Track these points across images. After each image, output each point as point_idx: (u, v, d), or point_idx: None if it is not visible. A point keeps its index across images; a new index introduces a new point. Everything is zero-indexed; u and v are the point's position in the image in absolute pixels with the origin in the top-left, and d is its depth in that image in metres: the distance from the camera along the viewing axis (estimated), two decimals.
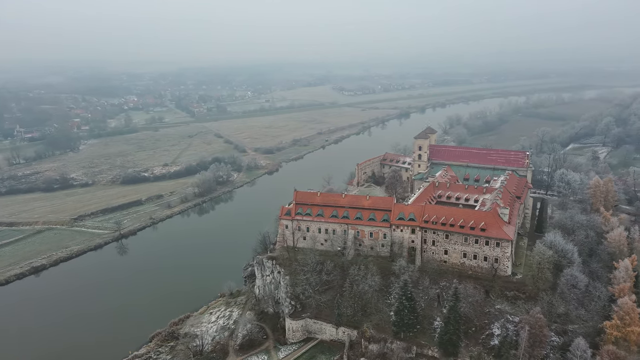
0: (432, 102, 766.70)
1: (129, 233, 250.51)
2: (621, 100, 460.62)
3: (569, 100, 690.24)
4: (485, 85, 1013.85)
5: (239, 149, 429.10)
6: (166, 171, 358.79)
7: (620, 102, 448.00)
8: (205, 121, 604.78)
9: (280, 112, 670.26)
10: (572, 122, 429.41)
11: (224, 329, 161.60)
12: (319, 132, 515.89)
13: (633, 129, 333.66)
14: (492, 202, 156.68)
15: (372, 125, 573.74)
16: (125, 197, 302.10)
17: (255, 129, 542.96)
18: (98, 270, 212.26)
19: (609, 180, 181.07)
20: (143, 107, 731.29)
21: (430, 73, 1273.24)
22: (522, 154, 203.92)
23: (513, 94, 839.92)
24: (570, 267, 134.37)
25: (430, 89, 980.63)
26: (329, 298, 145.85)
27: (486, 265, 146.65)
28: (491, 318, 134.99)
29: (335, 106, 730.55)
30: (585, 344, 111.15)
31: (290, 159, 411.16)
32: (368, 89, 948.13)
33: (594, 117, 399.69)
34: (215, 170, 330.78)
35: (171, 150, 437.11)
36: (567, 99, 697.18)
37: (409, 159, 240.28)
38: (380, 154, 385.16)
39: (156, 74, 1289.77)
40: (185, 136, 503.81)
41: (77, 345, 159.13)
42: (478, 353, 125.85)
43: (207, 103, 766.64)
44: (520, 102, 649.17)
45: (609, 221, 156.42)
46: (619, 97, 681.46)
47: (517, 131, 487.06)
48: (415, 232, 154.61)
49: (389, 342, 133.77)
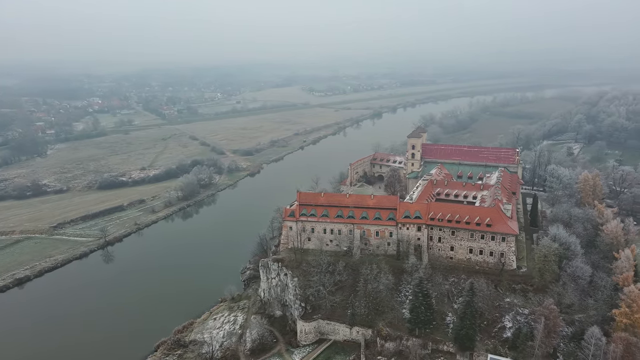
0: (403, 102, 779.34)
1: (115, 240, 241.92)
2: (588, 99, 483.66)
3: (533, 99, 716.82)
4: (450, 85, 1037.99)
5: (217, 151, 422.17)
6: (145, 175, 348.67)
7: (587, 100, 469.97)
8: (177, 123, 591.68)
9: (253, 114, 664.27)
10: (541, 120, 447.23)
11: (231, 334, 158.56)
12: (296, 132, 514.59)
13: (604, 126, 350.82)
14: (494, 198, 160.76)
15: (347, 126, 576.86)
16: (105, 202, 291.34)
17: (231, 130, 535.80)
18: (87, 279, 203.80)
19: (596, 175, 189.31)
20: (109, 110, 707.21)
21: (396, 73, 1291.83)
22: (512, 151, 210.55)
23: (478, 93, 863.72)
24: (575, 259, 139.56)
25: (398, 89, 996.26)
26: (342, 298, 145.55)
27: (492, 260, 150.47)
28: (502, 311, 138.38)
29: (308, 107, 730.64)
30: (600, 332, 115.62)
31: (270, 160, 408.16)
32: (338, 90, 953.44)
33: (563, 115, 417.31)
34: (198, 173, 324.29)
35: (146, 154, 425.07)
36: (531, 97, 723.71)
37: (399, 158, 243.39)
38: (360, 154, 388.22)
39: (118, 76, 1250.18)
40: (158, 139, 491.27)
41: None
42: (494, 346, 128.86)
43: (176, 105, 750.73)
44: (488, 101, 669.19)
45: (603, 214, 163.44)
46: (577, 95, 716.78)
47: (488, 129, 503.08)
48: (421, 229, 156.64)
49: (404, 339, 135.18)
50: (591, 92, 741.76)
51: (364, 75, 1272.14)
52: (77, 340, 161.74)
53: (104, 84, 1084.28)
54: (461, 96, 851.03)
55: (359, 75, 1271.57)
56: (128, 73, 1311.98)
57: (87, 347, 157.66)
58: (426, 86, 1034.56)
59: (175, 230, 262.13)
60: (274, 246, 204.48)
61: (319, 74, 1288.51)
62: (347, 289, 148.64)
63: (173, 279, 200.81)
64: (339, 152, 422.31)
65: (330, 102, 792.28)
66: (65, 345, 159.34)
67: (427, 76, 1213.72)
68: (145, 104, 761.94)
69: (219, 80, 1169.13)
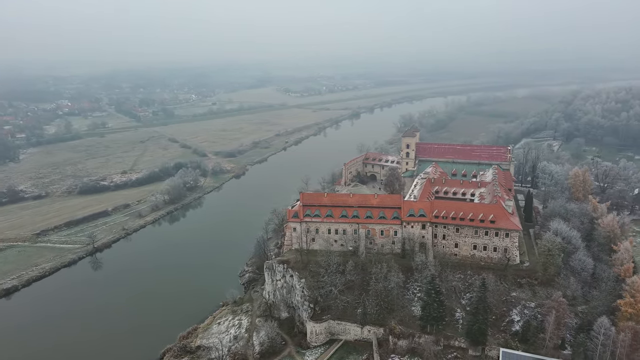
0: (379, 102, 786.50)
1: (103, 246, 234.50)
2: (563, 97, 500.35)
3: (505, 99, 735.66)
4: (423, 85, 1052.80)
5: (199, 154, 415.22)
6: (127, 179, 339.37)
7: (562, 99, 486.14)
8: (153, 126, 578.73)
9: (231, 115, 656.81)
10: (518, 119, 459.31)
11: (237, 339, 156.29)
12: (277, 133, 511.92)
13: (581, 124, 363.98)
14: (495, 195, 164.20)
15: (327, 126, 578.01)
16: (88, 208, 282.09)
17: (210, 132, 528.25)
18: (79, 288, 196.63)
19: (586, 171, 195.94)
20: (80, 112, 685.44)
21: (370, 73, 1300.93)
22: (504, 149, 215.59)
23: (450, 93, 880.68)
24: (576, 252, 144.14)
25: (373, 89, 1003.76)
26: (353, 298, 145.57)
27: (496, 255, 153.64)
28: (509, 305, 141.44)
29: (285, 107, 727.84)
30: (609, 322, 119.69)
31: (254, 161, 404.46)
32: (314, 90, 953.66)
33: (540, 113, 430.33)
34: (183, 175, 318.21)
35: (125, 157, 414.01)
36: (504, 97, 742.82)
37: (391, 157, 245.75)
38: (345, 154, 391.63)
39: (86, 77, 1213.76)
40: (136, 142, 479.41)
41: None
42: (505, 340, 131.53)
43: (150, 107, 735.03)
44: (463, 101, 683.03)
45: (597, 208, 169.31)
46: (547, 94, 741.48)
47: (465, 128, 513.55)
48: (425, 227, 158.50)
49: (416, 336, 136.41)
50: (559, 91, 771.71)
51: (339, 76, 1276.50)
52: (78, 351, 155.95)
53: (71, 85, 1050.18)
54: (435, 96, 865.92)
55: (334, 76, 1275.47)
56: (96, 74, 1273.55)
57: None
58: (400, 86, 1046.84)
59: (165, 234, 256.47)
60: (276, 248, 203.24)
61: (294, 74, 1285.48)
62: (355, 289, 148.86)
63: (170, 284, 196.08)
64: (323, 153, 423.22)
65: (307, 102, 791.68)
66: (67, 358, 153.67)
67: (400, 76, 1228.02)
68: (118, 106, 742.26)
69: (192, 81, 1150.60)
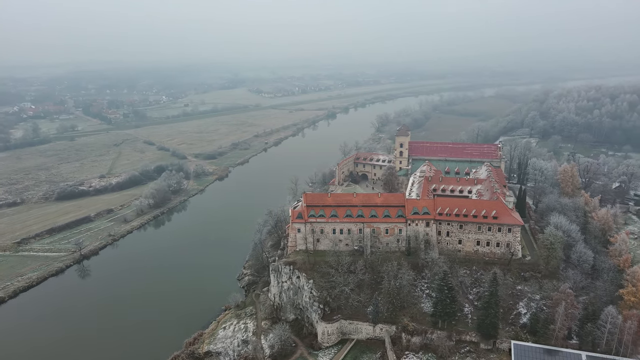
0: (353, 102, 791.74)
1: (90, 253, 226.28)
2: (536, 97, 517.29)
3: (475, 98, 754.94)
4: (394, 85, 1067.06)
5: (179, 156, 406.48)
6: (106, 183, 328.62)
7: (535, 98, 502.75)
8: (125, 128, 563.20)
9: (205, 116, 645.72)
10: (491, 118, 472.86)
11: (245, 342, 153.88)
12: (255, 134, 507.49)
13: (556, 121, 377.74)
14: (494, 191, 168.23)
15: (305, 127, 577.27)
16: (69, 214, 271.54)
17: (187, 134, 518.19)
18: (70, 298, 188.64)
19: (573, 166, 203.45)
20: (45, 115, 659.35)
21: (340, 74, 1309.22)
22: (495, 147, 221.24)
23: (422, 92, 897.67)
24: (576, 245, 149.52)
25: (345, 89, 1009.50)
26: (365, 297, 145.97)
27: (499, 250, 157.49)
28: (515, 299, 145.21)
29: (260, 108, 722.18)
30: (616, 311, 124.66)
31: (236, 163, 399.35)
32: (286, 91, 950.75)
33: (514, 112, 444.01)
34: (167, 178, 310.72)
35: (100, 161, 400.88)
36: (473, 96, 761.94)
37: (382, 156, 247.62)
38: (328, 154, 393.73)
39: (47, 78, 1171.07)
40: (110, 145, 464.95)
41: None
42: (515, 332, 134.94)
43: (120, 109, 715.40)
44: (436, 100, 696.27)
45: (589, 202, 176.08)
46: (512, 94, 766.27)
47: (441, 127, 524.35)
48: (429, 225, 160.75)
49: (429, 332, 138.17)
50: (523, 90, 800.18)
51: (308, 77, 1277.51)
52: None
53: (32, 87, 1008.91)
54: (407, 95, 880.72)
55: (303, 77, 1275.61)
56: (58, 75, 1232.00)
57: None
58: (371, 86, 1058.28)
59: (154, 239, 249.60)
60: (272, 250, 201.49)
61: (264, 75, 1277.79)
62: (365, 287, 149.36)
63: (166, 290, 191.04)
64: (305, 153, 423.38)
65: (281, 103, 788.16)
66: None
67: (370, 77, 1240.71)
68: (85, 109, 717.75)
69: (160, 82, 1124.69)
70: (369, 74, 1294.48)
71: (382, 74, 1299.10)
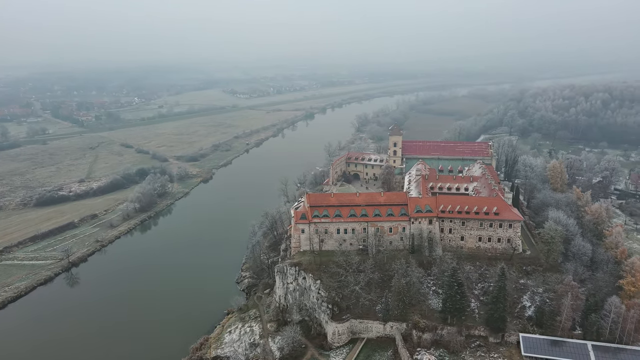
0: (330, 103, 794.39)
1: (79, 260, 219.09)
2: (512, 96, 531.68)
3: (449, 97, 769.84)
4: (368, 86, 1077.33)
5: (160, 159, 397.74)
6: (87, 188, 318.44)
7: (512, 97, 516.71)
8: (99, 131, 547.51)
9: (181, 118, 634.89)
10: (466, 117, 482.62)
11: (253, 346, 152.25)
12: (235, 136, 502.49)
13: (535, 119, 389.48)
14: (493, 188, 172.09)
15: (285, 127, 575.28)
16: (51, 220, 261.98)
17: (165, 136, 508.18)
18: (65, 307, 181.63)
19: (561, 163, 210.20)
20: (12, 118, 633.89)
21: (312, 74, 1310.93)
22: (485, 145, 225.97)
23: (396, 92, 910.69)
24: (575, 238, 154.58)
25: (320, 89, 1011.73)
26: (374, 295, 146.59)
27: (500, 246, 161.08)
28: (519, 292, 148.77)
29: (237, 109, 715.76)
30: (620, 301, 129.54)
31: (219, 165, 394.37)
32: (261, 92, 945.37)
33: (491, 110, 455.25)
34: (152, 182, 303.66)
35: (77, 165, 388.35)
36: (448, 96, 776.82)
37: (373, 156, 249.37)
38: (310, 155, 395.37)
39: (9, 80, 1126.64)
40: (85, 148, 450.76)
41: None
42: (523, 325, 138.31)
43: (90, 111, 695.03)
44: (412, 100, 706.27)
45: (581, 197, 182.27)
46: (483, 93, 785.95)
47: (420, 126, 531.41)
48: (432, 222, 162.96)
49: (439, 329, 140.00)
50: (494, 90, 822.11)
51: (281, 77, 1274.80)
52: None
53: None
54: (382, 95, 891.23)
55: (276, 77, 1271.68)
56: (22, 77, 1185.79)
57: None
58: (346, 87, 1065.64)
59: (143, 244, 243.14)
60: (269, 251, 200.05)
61: (237, 76, 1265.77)
62: (373, 286, 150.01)
63: (164, 295, 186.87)
64: (287, 154, 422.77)
65: (257, 104, 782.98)
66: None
67: (344, 77, 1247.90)
68: (54, 111, 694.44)
69: (129, 83, 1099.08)
70: (343, 74, 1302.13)
71: (356, 74, 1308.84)
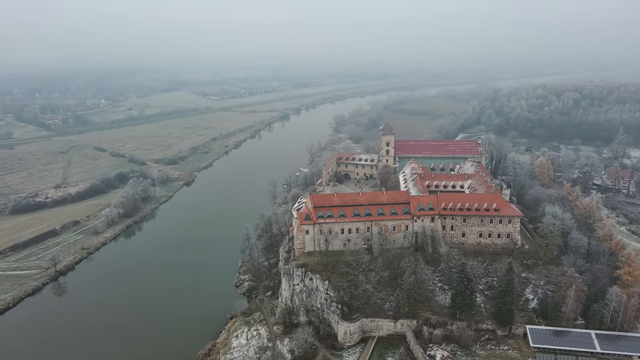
0: (304, 104, 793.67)
1: (66, 269, 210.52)
2: (486, 95, 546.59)
3: (420, 97, 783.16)
4: (339, 86, 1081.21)
5: (138, 162, 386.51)
6: (65, 193, 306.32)
7: (486, 97, 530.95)
8: (68, 134, 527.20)
9: (154, 120, 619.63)
10: (436, 117, 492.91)
11: (262, 349, 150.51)
12: (213, 138, 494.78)
13: (511, 118, 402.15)
14: (489, 185, 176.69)
15: (261, 129, 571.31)
16: (30, 228, 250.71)
17: (138, 139, 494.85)
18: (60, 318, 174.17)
19: (547, 159, 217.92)
20: None
21: (283, 75, 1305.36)
22: (475, 143, 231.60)
23: (367, 93, 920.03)
24: (571, 232, 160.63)
25: (292, 90, 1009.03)
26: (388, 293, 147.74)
27: (500, 241, 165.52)
28: (522, 285, 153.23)
29: (210, 111, 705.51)
30: (620, 290, 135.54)
31: (200, 167, 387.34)
32: (233, 93, 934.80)
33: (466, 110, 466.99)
34: (135, 186, 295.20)
35: (50, 170, 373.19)
36: (419, 96, 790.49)
37: (364, 155, 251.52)
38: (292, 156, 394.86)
39: None
40: (55, 153, 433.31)
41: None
42: (528, 317, 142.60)
43: (56, 114, 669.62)
44: (385, 100, 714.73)
45: (571, 192, 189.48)
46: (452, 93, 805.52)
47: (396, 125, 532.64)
48: (434, 220, 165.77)
49: (448, 324, 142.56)
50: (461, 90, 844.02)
51: (252, 78, 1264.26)
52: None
53: None
54: (354, 96, 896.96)
55: (247, 78, 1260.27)
56: None
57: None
58: (317, 87, 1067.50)
59: (132, 250, 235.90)
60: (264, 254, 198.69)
61: (206, 77, 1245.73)
62: (382, 284, 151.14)
63: (163, 302, 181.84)
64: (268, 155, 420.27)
65: (230, 105, 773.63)
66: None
67: (315, 77, 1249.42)
68: (17, 114, 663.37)
69: (93, 85, 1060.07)
70: (314, 75, 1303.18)
71: (326, 74, 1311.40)
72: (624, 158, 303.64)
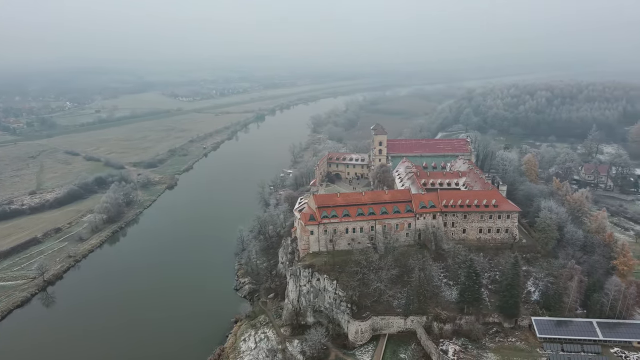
0: (278, 104, 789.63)
1: (54, 278, 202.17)
2: (461, 95, 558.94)
3: (393, 97, 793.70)
4: (311, 87, 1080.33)
5: (115, 166, 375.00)
6: (42, 200, 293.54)
7: (462, 96, 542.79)
8: (35, 138, 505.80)
9: (125, 123, 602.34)
10: (430, 115, 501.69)
11: (272, 352, 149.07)
12: (190, 140, 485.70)
13: (489, 117, 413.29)
14: (486, 181, 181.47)
15: (238, 130, 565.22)
16: (10, 236, 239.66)
17: (112, 142, 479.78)
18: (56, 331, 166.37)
19: (533, 156, 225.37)
20: None
21: (252, 76, 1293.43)
22: (464, 141, 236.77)
23: (339, 93, 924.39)
24: (567, 225, 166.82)
25: (264, 91, 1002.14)
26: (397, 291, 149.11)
27: (499, 236, 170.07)
28: (523, 278, 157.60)
29: (183, 113, 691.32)
30: (619, 280, 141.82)
31: (180, 170, 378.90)
32: (204, 94, 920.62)
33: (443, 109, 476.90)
34: (117, 190, 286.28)
35: (22, 176, 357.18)
36: (391, 96, 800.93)
37: (355, 155, 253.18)
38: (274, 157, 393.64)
39: None
40: (24, 158, 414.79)
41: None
42: (533, 309, 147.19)
43: (19, 117, 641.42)
44: (360, 101, 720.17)
45: (560, 187, 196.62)
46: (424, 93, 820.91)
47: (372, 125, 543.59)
48: (436, 217, 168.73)
49: (457, 319, 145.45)
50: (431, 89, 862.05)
51: (221, 79, 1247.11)
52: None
53: None
54: (326, 97, 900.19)
55: (217, 79, 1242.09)
56: None
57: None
58: (289, 88, 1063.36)
59: (121, 256, 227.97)
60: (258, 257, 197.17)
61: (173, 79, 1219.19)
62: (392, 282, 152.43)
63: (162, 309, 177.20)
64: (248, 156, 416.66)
65: (203, 107, 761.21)
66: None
67: (286, 78, 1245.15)
68: None
69: (54, 87, 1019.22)
70: (284, 76, 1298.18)
71: (297, 75, 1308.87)
72: (597, 154, 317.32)
